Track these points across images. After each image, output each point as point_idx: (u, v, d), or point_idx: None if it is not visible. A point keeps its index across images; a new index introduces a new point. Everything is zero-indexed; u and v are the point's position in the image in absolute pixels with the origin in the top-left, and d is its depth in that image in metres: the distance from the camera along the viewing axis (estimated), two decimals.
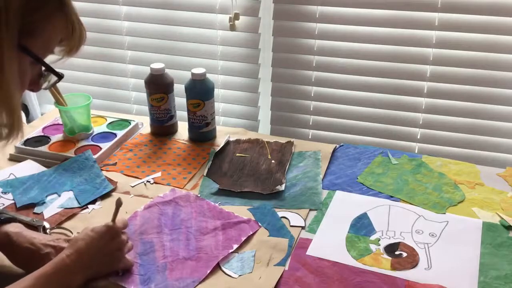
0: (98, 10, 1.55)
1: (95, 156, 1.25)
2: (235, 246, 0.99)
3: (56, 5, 0.73)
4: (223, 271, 0.94)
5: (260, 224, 1.05)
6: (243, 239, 1.01)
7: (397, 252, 0.99)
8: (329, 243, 1.01)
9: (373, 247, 1.00)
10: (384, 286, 0.91)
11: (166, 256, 0.97)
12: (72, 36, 0.76)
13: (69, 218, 1.07)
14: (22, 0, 0.67)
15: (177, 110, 1.40)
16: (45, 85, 0.81)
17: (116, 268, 0.91)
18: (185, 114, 1.37)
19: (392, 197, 1.14)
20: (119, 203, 0.91)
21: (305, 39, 1.41)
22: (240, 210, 1.10)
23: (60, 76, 0.80)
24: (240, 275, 0.93)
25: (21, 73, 0.72)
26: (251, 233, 1.02)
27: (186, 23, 1.49)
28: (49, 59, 0.77)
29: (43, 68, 0.78)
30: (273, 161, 1.26)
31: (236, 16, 1.42)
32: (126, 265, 0.92)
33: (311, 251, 0.99)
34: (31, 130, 1.38)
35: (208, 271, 0.93)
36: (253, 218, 1.07)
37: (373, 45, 1.36)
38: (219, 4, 1.43)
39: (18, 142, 1.30)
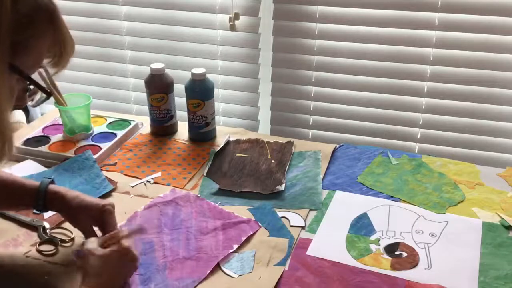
0: (98, 10, 1.55)
1: (95, 156, 1.25)
2: (235, 246, 0.99)
3: (46, 19, 0.70)
4: (223, 271, 0.94)
5: (260, 224, 1.05)
6: (243, 239, 1.01)
7: (397, 252, 0.99)
8: (329, 243, 1.01)
9: (373, 247, 1.00)
10: (384, 286, 0.91)
11: (166, 256, 0.97)
12: (63, 50, 0.74)
13: None
14: (13, 18, 0.65)
15: (177, 110, 1.40)
16: (32, 102, 0.79)
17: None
18: (185, 114, 1.37)
19: (392, 197, 1.14)
20: (141, 230, 0.93)
21: (305, 39, 1.41)
22: (240, 210, 1.10)
23: (49, 94, 0.77)
24: (240, 275, 0.93)
25: (10, 92, 0.70)
26: (251, 233, 1.02)
27: (186, 23, 1.49)
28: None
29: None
30: (273, 161, 1.26)
31: (236, 16, 1.42)
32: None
33: (311, 251, 0.99)
34: (31, 130, 1.39)
35: (208, 271, 0.93)
36: (253, 218, 1.07)
37: (373, 45, 1.36)
38: (219, 4, 1.43)
39: (18, 142, 1.30)
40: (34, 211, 1.07)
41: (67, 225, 1.05)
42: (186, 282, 0.91)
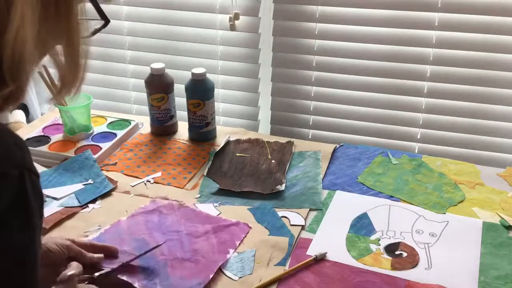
0: None
1: (95, 156, 1.25)
2: (231, 251, 0.97)
3: None
4: (223, 273, 0.94)
5: (249, 225, 1.04)
6: (238, 243, 0.99)
7: (397, 252, 0.99)
8: (329, 243, 1.01)
9: (373, 247, 1.00)
10: (385, 286, 0.91)
11: (165, 255, 0.96)
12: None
13: (70, 217, 1.07)
14: None
15: (177, 110, 1.40)
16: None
17: None
18: (185, 114, 1.37)
19: (392, 197, 1.14)
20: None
21: (305, 39, 1.41)
22: (240, 210, 1.10)
23: (107, 20, 0.68)
24: (240, 277, 0.93)
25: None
26: (243, 236, 1.01)
27: (186, 23, 1.49)
28: None
29: None
30: (273, 161, 1.26)
31: (236, 16, 1.41)
32: None
33: (311, 251, 0.99)
34: (31, 130, 1.39)
35: (211, 275, 0.91)
36: (242, 221, 1.05)
37: (373, 45, 1.36)
38: (219, 4, 1.43)
39: None
40: None
41: (67, 223, 1.05)
42: (192, 283, 0.90)
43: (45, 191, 1.13)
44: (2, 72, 0.53)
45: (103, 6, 0.68)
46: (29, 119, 1.64)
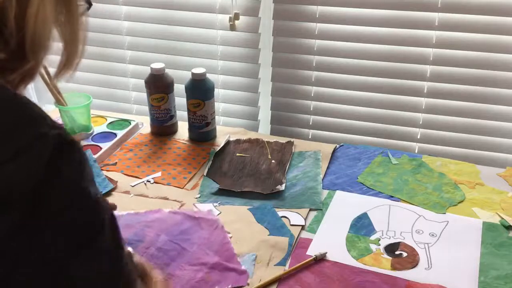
0: (98, 10, 1.55)
1: (95, 156, 1.25)
2: None
3: None
4: None
5: (248, 280, 0.93)
6: None
7: (397, 252, 0.99)
8: (329, 243, 1.01)
9: (373, 247, 1.00)
10: (385, 286, 0.91)
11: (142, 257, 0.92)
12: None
13: None
14: None
15: (177, 110, 1.40)
16: None
17: None
18: (185, 114, 1.37)
19: (392, 197, 1.14)
20: None
21: (305, 39, 1.41)
22: (240, 210, 1.10)
23: (90, 4, 0.70)
24: None
25: None
26: (230, 286, 0.91)
27: (186, 23, 1.49)
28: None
29: None
30: (273, 161, 1.26)
31: (236, 16, 1.41)
32: None
33: (311, 251, 0.99)
34: None
35: None
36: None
37: (373, 45, 1.36)
38: (219, 4, 1.43)
39: None
40: None
41: None
42: None
43: None
44: (24, 48, 0.55)
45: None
46: None
